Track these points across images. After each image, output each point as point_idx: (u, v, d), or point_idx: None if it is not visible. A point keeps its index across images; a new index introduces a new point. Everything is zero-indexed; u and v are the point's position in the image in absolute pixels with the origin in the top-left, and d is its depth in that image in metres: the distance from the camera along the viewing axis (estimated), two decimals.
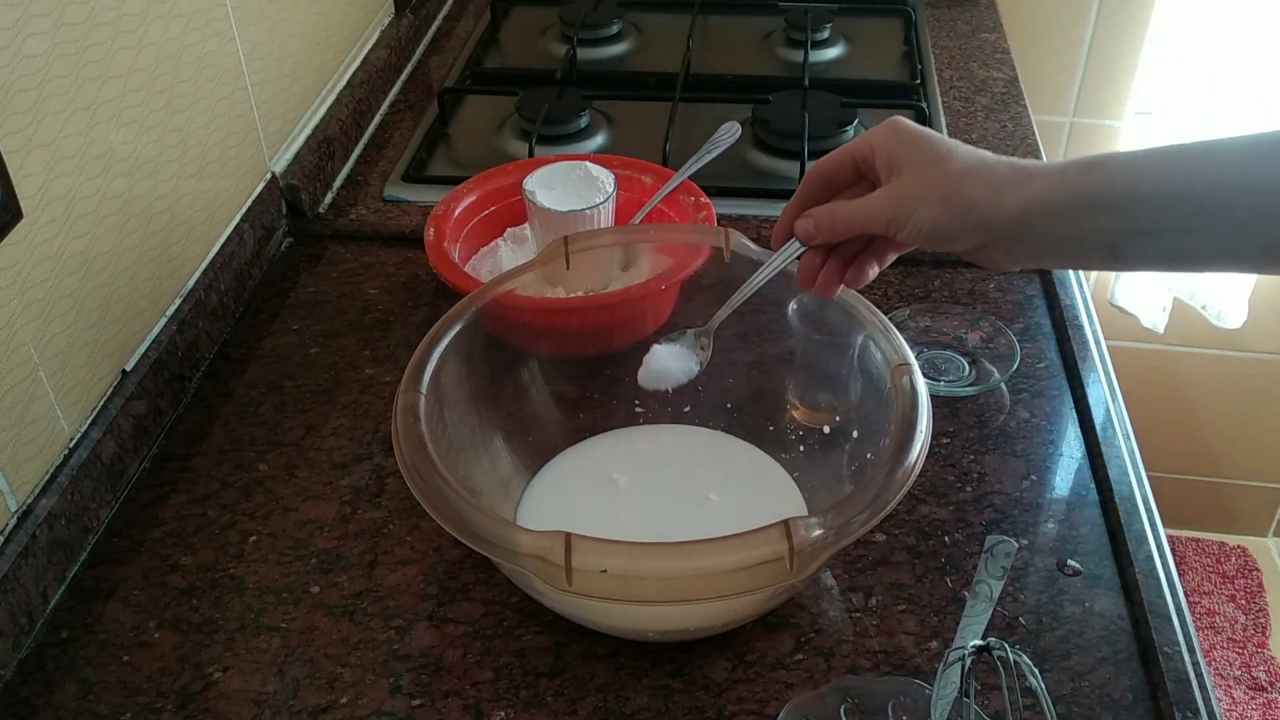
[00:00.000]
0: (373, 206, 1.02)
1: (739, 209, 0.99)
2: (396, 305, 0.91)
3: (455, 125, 1.14)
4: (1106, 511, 0.72)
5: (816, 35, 1.25)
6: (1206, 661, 0.64)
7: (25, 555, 0.65)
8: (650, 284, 0.76)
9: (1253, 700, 1.74)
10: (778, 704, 0.61)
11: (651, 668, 0.63)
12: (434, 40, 1.32)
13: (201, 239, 0.87)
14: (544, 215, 0.83)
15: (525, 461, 0.74)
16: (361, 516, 0.73)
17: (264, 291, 0.93)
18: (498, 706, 0.62)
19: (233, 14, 0.89)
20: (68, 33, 0.68)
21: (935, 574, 0.68)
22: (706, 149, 0.92)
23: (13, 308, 0.65)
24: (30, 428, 0.67)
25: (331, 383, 0.83)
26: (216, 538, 0.72)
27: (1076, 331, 0.86)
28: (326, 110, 1.07)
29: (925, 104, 1.12)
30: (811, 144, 1.03)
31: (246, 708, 0.62)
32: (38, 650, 0.65)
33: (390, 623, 0.66)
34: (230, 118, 0.90)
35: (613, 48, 1.28)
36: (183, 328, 0.82)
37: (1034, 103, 1.20)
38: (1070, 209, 0.56)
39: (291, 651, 0.65)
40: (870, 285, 0.91)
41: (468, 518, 0.55)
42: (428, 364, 0.64)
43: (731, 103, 1.11)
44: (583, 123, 1.10)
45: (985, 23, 1.34)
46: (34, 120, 0.66)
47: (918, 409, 0.60)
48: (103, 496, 0.73)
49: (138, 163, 0.77)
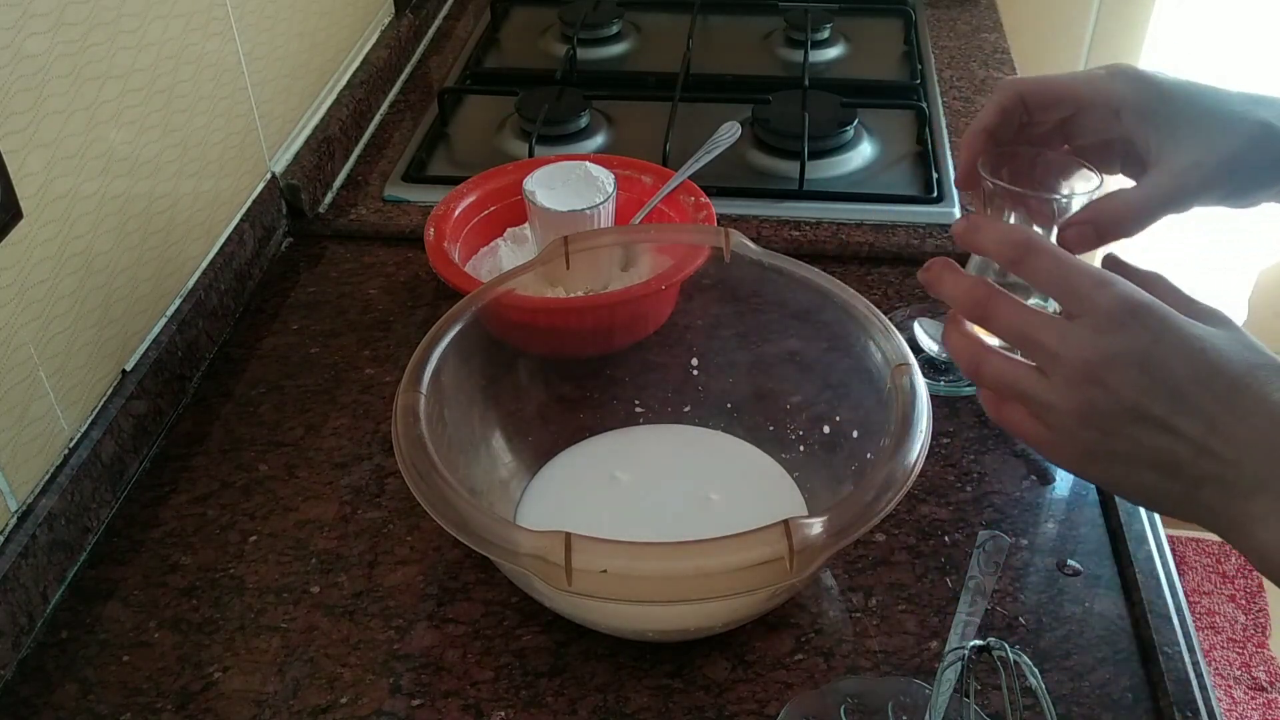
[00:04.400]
0: (373, 206, 1.02)
1: (739, 209, 1.00)
2: (396, 305, 0.91)
3: (455, 125, 1.14)
4: (1106, 511, 0.72)
5: (816, 35, 1.25)
6: (1206, 661, 0.64)
7: (25, 555, 0.65)
8: (650, 284, 0.76)
9: (1253, 700, 1.74)
10: (778, 704, 0.61)
11: (651, 668, 0.63)
12: (434, 40, 1.32)
13: (201, 239, 0.87)
14: (544, 215, 0.84)
15: (525, 461, 0.74)
16: (361, 516, 0.73)
17: (264, 291, 0.93)
18: (498, 706, 0.62)
19: (233, 14, 0.89)
20: (68, 33, 0.68)
21: (935, 574, 0.68)
22: (706, 149, 0.92)
23: (13, 308, 0.65)
24: (30, 428, 0.67)
25: (331, 383, 0.83)
26: (216, 538, 0.72)
27: None
28: (326, 110, 1.07)
29: (925, 104, 1.12)
30: (811, 144, 1.03)
31: (246, 708, 0.62)
32: (38, 650, 0.65)
33: (390, 623, 0.66)
34: (230, 118, 0.90)
35: (613, 48, 1.28)
36: (183, 328, 0.82)
37: None
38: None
39: (291, 651, 0.65)
40: (870, 285, 0.92)
41: (468, 518, 0.55)
42: (428, 364, 0.64)
43: (731, 103, 1.11)
44: (583, 123, 1.10)
45: (985, 23, 1.34)
46: (34, 120, 0.66)
47: (917, 409, 0.60)
48: (103, 496, 0.73)
49: (138, 163, 0.77)
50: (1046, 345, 0.48)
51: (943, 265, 0.53)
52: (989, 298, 0.50)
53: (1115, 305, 0.48)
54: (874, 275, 0.93)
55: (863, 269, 0.94)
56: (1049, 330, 0.49)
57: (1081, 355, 0.47)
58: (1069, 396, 0.48)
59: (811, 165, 1.01)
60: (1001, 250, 0.51)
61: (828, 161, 1.05)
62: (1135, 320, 0.47)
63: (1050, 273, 0.50)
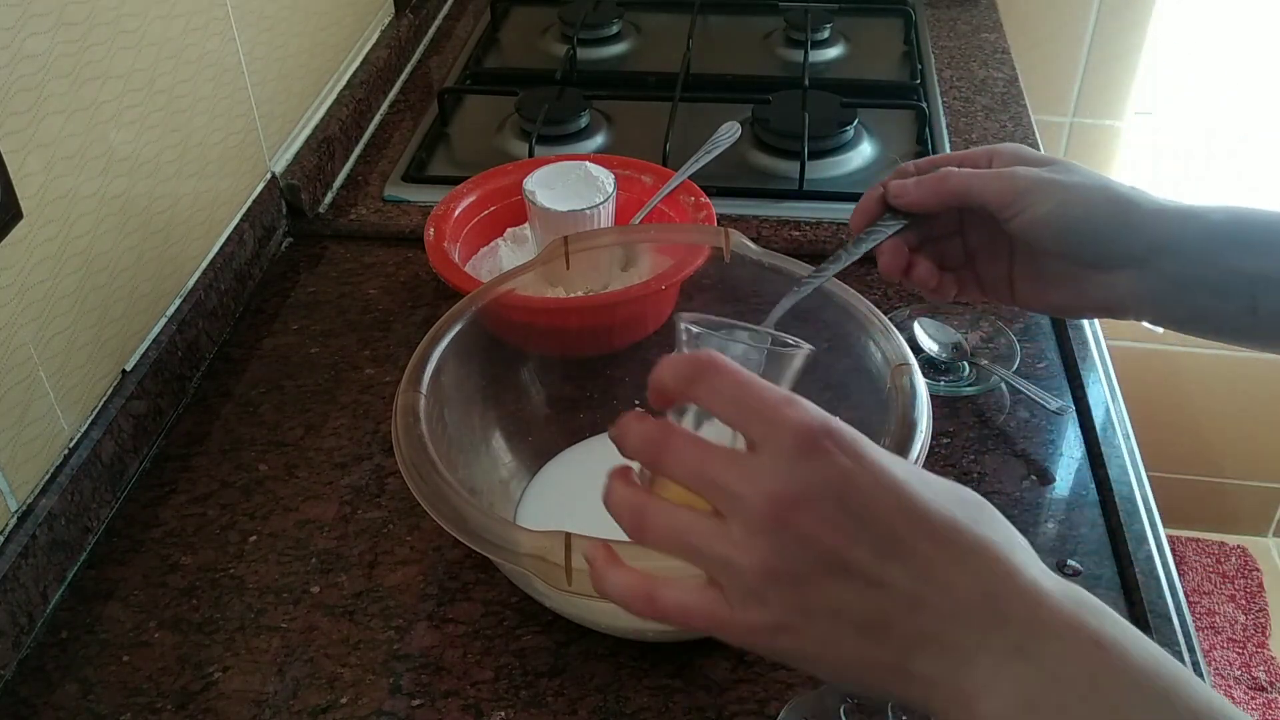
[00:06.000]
0: (373, 206, 1.02)
1: (739, 209, 0.99)
2: (396, 305, 0.91)
3: (455, 125, 1.14)
4: (1106, 511, 0.72)
5: (816, 35, 1.25)
6: (1206, 661, 0.64)
7: (25, 555, 0.65)
8: (650, 284, 0.76)
9: (1253, 700, 1.74)
10: (778, 704, 0.61)
11: (651, 668, 0.63)
12: (434, 40, 1.32)
13: (201, 239, 0.87)
14: (544, 215, 0.83)
15: (525, 461, 0.74)
16: (361, 516, 0.73)
17: (264, 291, 0.93)
18: (498, 706, 0.62)
19: (233, 14, 0.89)
20: (68, 33, 0.68)
21: None
22: (706, 149, 0.92)
23: (13, 308, 0.65)
24: (30, 428, 0.67)
25: (331, 383, 0.83)
26: (216, 538, 0.72)
27: (1076, 331, 0.86)
28: (326, 110, 1.07)
29: (925, 104, 1.12)
30: (811, 144, 1.03)
31: (246, 708, 0.62)
32: (38, 650, 0.65)
33: (390, 623, 0.66)
34: (230, 118, 0.90)
35: (613, 48, 1.28)
36: (183, 328, 0.82)
37: (1034, 103, 1.20)
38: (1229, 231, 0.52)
39: (291, 651, 0.65)
40: (870, 285, 0.92)
41: (468, 518, 0.55)
42: (428, 364, 0.64)
43: (731, 103, 1.11)
44: (583, 123, 1.10)
45: (985, 23, 1.34)
46: (34, 120, 0.66)
47: (918, 409, 0.60)
48: (103, 496, 0.73)
49: (138, 163, 0.77)
50: (725, 484, 0.39)
51: (633, 417, 0.42)
52: (666, 436, 0.41)
53: (805, 425, 0.38)
54: (874, 275, 0.93)
55: (862, 269, 0.93)
56: (729, 465, 0.39)
57: (765, 491, 0.38)
58: (752, 547, 0.38)
59: (811, 165, 1.01)
60: (679, 370, 0.42)
61: (828, 161, 1.05)
62: (830, 440, 0.38)
63: (728, 394, 0.40)
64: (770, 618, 0.38)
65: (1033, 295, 0.62)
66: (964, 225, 0.63)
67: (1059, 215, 0.55)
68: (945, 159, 0.61)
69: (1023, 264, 0.62)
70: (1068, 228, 0.55)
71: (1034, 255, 0.60)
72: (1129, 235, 0.55)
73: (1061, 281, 0.59)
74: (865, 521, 0.38)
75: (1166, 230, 0.55)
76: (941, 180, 0.58)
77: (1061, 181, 0.56)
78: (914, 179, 0.59)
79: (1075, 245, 0.56)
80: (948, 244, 0.63)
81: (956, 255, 0.63)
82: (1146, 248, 0.55)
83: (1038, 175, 0.56)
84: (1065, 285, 0.59)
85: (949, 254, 0.63)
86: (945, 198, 0.58)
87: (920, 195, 0.58)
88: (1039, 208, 0.55)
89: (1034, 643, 0.37)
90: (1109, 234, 0.55)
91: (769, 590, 0.38)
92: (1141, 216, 0.55)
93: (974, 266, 0.63)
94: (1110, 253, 0.56)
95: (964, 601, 0.38)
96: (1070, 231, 0.55)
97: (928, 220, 0.61)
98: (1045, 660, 0.37)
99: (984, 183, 0.57)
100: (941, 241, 0.63)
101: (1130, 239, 0.55)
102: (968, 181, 0.57)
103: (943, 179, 0.58)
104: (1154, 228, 0.55)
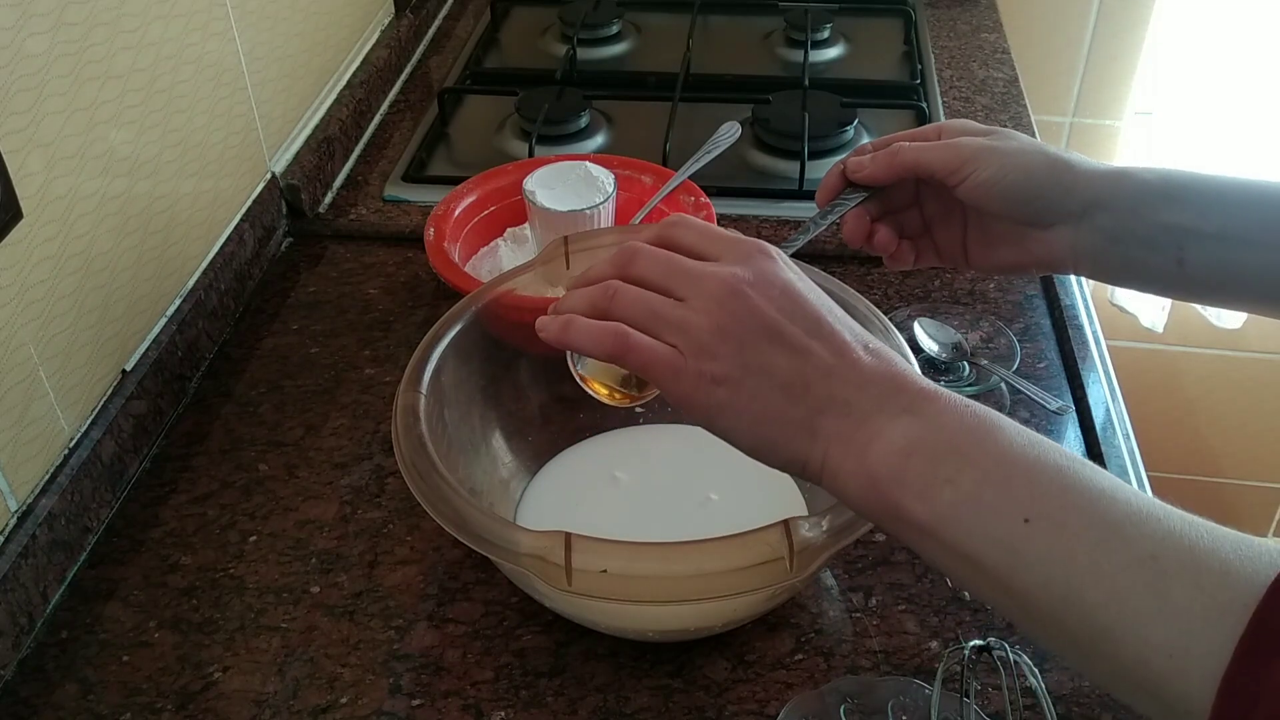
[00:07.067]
0: (373, 206, 1.02)
1: (739, 209, 1.00)
2: (396, 305, 0.91)
3: (455, 125, 1.14)
4: None
5: (816, 35, 1.25)
6: None
7: (25, 555, 0.65)
8: None
9: None
10: (778, 704, 0.61)
11: (651, 668, 0.63)
12: (434, 40, 1.32)
13: (201, 239, 0.87)
14: (544, 215, 0.84)
15: (525, 461, 0.74)
16: (361, 516, 0.73)
17: (264, 291, 0.93)
18: (498, 706, 0.62)
19: (233, 14, 0.89)
20: (68, 33, 0.68)
21: (935, 574, 0.68)
22: (706, 149, 0.92)
23: (13, 308, 0.65)
24: (30, 428, 0.67)
25: (331, 383, 0.83)
26: (216, 538, 0.72)
27: (1076, 331, 0.86)
28: (326, 110, 1.07)
29: (925, 104, 1.12)
30: (811, 144, 1.03)
31: (246, 708, 0.62)
32: (38, 650, 0.65)
33: (390, 623, 0.66)
34: (230, 118, 0.90)
35: (613, 48, 1.28)
36: (183, 328, 0.82)
37: (1034, 103, 1.20)
38: (1158, 188, 0.57)
39: (291, 651, 0.65)
40: (870, 285, 0.92)
41: (468, 518, 0.55)
42: (428, 364, 0.64)
43: (731, 103, 1.11)
44: (583, 123, 1.10)
45: (985, 23, 1.35)
46: (34, 120, 0.66)
47: None
48: (103, 496, 0.73)
49: (138, 163, 0.77)
50: (691, 270, 0.49)
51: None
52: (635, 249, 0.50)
53: (759, 243, 0.50)
54: (874, 275, 0.93)
55: (863, 269, 0.94)
56: (694, 264, 0.49)
57: (727, 272, 0.48)
58: (708, 311, 0.47)
59: (811, 165, 1.01)
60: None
61: (828, 161, 1.05)
62: (781, 259, 0.50)
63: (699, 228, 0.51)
64: (717, 369, 0.47)
65: (982, 256, 0.67)
66: (920, 197, 0.68)
67: (1000, 179, 0.60)
68: (898, 136, 0.65)
69: (974, 229, 0.66)
70: (1009, 189, 0.60)
71: (982, 218, 0.65)
72: (1065, 194, 0.60)
73: (1007, 240, 0.64)
74: (800, 308, 0.48)
75: (1101, 188, 0.60)
76: (893, 154, 0.63)
77: (1001, 148, 0.61)
78: (869, 155, 0.64)
79: (1017, 205, 0.61)
80: (906, 215, 0.68)
81: (915, 224, 0.68)
82: (1081, 205, 0.60)
83: (980, 144, 0.61)
84: (1010, 244, 0.64)
85: (908, 223, 0.68)
86: (898, 169, 0.63)
87: (875, 169, 0.64)
88: (982, 173, 0.60)
89: (922, 404, 0.45)
90: (1047, 193, 0.60)
91: (719, 346, 0.47)
92: (1075, 177, 0.60)
93: (931, 234, 0.68)
94: (1049, 210, 0.61)
95: (869, 376, 0.46)
96: (1011, 192, 0.60)
97: (885, 192, 0.66)
98: (929, 417, 0.45)
99: (932, 154, 0.62)
100: (901, 213, 0.68)
101: (1066, 198, 0.60)
102: (917, 154, 0.62)
103: (894, 153, 0.63)
104: (1088, 186, 0.60)
